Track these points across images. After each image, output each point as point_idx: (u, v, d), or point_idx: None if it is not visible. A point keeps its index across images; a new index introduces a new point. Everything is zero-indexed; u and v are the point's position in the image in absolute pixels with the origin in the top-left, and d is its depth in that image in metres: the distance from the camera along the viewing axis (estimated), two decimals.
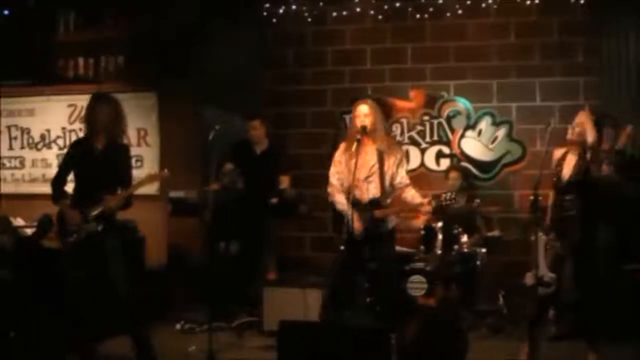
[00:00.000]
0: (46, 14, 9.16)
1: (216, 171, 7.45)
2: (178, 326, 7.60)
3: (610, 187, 6.86)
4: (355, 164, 6.28)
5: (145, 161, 9.06)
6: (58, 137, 9.44)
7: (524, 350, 6.18)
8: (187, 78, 8.59)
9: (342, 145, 6.72)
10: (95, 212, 6.06)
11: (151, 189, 8.91)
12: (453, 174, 8.19)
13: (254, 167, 7.93)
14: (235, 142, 8.11)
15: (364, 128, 6.37)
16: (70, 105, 9.33)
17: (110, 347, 6.65)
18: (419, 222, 7.94)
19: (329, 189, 6.64)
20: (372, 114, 6.50)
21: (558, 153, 6.46)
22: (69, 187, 6.36)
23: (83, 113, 6.52)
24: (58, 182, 6.34)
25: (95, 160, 6.18)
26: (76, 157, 6.29)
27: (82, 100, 9.10)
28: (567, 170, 6.21)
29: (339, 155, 6.67)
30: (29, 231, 8.09)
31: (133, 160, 8.81)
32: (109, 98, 6.36)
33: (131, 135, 9.05)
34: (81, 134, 9.06)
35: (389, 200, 6.58)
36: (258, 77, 9.01)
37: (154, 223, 8.64)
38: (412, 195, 6.56)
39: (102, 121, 6.19)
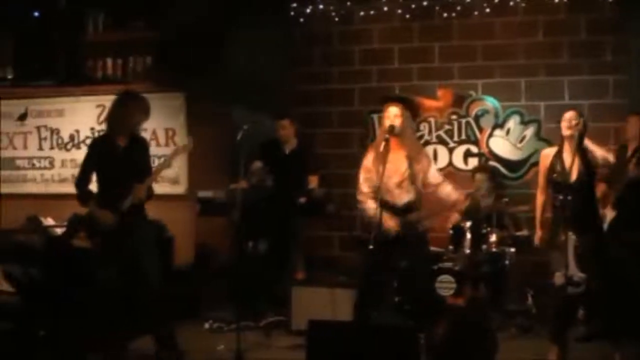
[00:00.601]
0: (75, 15, 9.23)
1: (244, 170, 7.47)
2: (206, 325, 7.63)
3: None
4: (384, 165, 6.24)
5: (173, 161, 9.05)
6: (87, 137, 9.49)
7: (553, 351, 6.16)
8: (214, 78, 8.62)
9: (371, 151, 6.63)
10: (127, 205, 6.11)
11: (179, 188, 9.02)
12: (479, 176, 8.18)
13: (283, 166, 7.95)
14: (264, 142, 8.15)
15: (392, 128, 6.34)
16: (98, 106, 9.38)
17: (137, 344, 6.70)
18: (452, 220, 7.94)
19: (360, 197, 6.50)
20: (401, 115, 6.46)
21: (550, 152, 6.43)
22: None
23: (108, 111, 6.54)
24: (83, 183, 6.38)
25: (120, 157, 6.24)
26: (99, 156, 6.34)
27: (110, 101, 9.22)
28: (574, 168, 6.15)
29: (368, 162, 6.55)
30: (59, 231, 8.15)
31: (161, 161, 8.99)
32: (138, 97, 6.42)
33: (159, 135, 9.16)
34: None
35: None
36: (285, 76, 9.03)
37: (182, 223, 8.70)
38: (447, 192, 6.49)
39: (132, 120, 6.25)
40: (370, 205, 6.40)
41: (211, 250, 8.53)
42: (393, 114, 6.42)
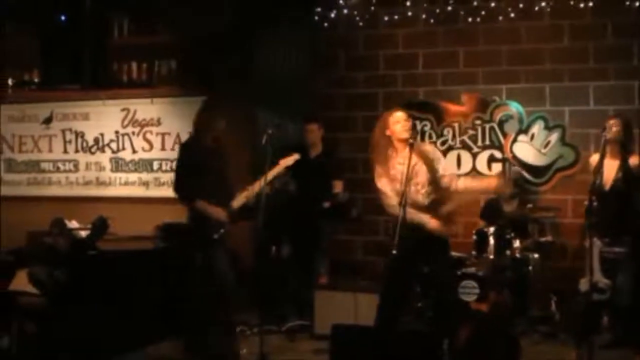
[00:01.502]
0: (101, 19, 9.30)
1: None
2: None
3: None
4: (408, 170, 6.13)
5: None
6: (111, 140, 9.58)
7: (572, 356, 6.15)
8: (239, 82, 8.67)
9: (376, 159, 6.54)
10: (239, 203, 6.53)
11: None
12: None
13: (308, 170, 7.96)
14: (289, 145, 8.16)
15: (413, 127, 6.26)
16: (123, 110, 9.47)
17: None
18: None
19: (389, 201, 6.29)
20: (408, 120, 6.34)
21: (595, 158, 6.44)
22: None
23: (201, 117, 6.90)
24: (188, 183, 6.63)
25: (216, 160, 6.62)
26: (198, 159, 6.63)
27: (135, 104, 9.37)
28: (609, 175, 6.16)
29: (380, 171, 6.46)
30: (83, 233, 8.21)
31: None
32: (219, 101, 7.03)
33: (183, 139, 9.18)
34: (134, 138, 9.32)
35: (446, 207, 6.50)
36: (310, 80, 9.06)
37: None
38: (464, 185, 6.30)
39: (216, 123, 6.78)
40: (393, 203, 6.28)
41: (235, 253, 8.55)
42: (403, 118, 6.25)
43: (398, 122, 6.34)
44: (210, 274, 6.53)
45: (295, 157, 6.72)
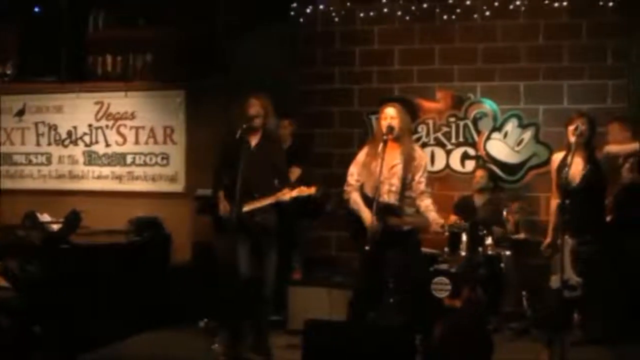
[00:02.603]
0: (77, 12, 9.27)
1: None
2: (201, 324, 7.65)
3: (636, 192, 6.90)
4: (381, 166, 6.29)
5: (171, 159, 9.12)
6: (85, 133, 9.51)
7: (545, 354, 6.21)
8: (215, 76, 8.66)
9: (366, 147, 6.73)
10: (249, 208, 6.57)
11: (177, 186, 9.07)
12: (480, 173, 8.25)
13: None
14: None
15: (391, 128, 6.39)
16: (97, 103, 9.41)
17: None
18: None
19: (347, 188, 6.65)
20: (399, 117, 6.51)
21: (558, 156, 6.50)
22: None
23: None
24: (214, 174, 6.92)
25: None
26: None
27: (109, 98, 9.31)
28: (576, 172, 6.21)
29: (362, 156, 6.67)
30: (56, 227, 8.18)
31: (159, 158, 9.03)
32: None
33: (157, 133, 9.19)
34: (108, 131, 9.28)
35: (409, 209, 6.59)
36: (287, 76, 9.05)
37: (180, 221, 8.71)
38: (426, 205, 6.48)
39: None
40: (355, 198, 6.49)
41: (209, 248, 8.56)
42: (390, 115, 6.47)
43: (385, 118, 6.46)
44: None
45: (312, 191, 6.58)
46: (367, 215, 6.32)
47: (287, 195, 6.42)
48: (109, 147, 9.38)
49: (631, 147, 6.54)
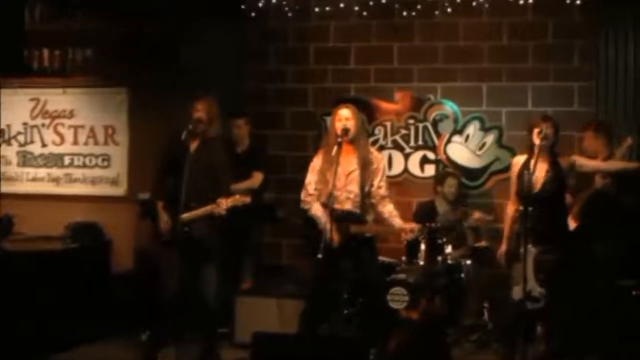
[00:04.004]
0: (13, 3, 9.13)
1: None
2: (144, 337, 7.57)
3: (607, 200, 6.97)
4: (335, 170, 6.28)
5: (112, 160, 9.05)
6: (19, 132, 9.40)
7: None
8: (161, 73, 8.59)
9: (321, 152, 6.73)
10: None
11: (119, 190, 8.99)
12: (450, 181, 8.23)
13: (234, 166, 7.93)
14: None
15: (346, 131, 6.38)
16: (32, 100, 9.31)
17: None
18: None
19: (307, 198, 6.64)
20: (354, 118, 6.51)
21: (519, 160, 6.57)
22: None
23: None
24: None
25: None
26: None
27: (46, 94, 9.20)
28: (538, 178, 6.28)
29: (317, 162, 6.67)
30: None
31: (100, 160, 8.94)
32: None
33: (97, 133, 9.10)
34: (44, 130, 9.18)
35: (370, 217, 6.61)
36: (237, 73, 9.02)
37: (122, 226, 8.66)
38: (389, 211, 6.55)
39: None
40: (317, 208, 6.47)
41: (152, 255, 8.50)
42: (344, 117, 6.46)
43: (339, 120, 6.45)
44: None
45: (247, 200, 6.54)
46: (328, 227, 6.29)
47: (223, 205, 6.33)
48: (46, 148, 9.28)
49: (606, 165, 6.61)
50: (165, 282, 6.58)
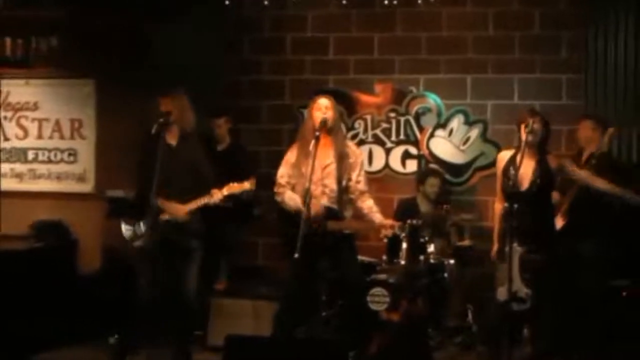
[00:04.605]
0: None
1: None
2: (112, 340, 7.48)
3: (596, 197, 6.93)
4: (313, 164, 6.21)
5: (79, 155, 8.93)
6: None
7: None
8: (131, 64, 8.50)
9: (296, 145, 6.66)
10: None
11: (86, 187, 8.89)
12: (433, 181, 8.17)
13: (214, 165, 7.85)
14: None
15: (324, 122, 6.33)
16: None
17: None
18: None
19: (278, 189, 6.60)
20: (332, 109, 6.47)
21: (505, 155, 6.53)
22: None
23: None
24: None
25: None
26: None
27: (8, 86, 9.08)
28: (525, 176, 6.24)
29: (291, 156, 6.62)
30: None
31: (66, 155, 8.83)
32: None
33: (63, 126, 8.98)
34: (6, 123, 9.08)
35: (348, 213, 6.55)
36: (211, 65, 8.93)
37: (89, 224, 8.56)
38: (369, 207, 6.54)
39: None
40: (290, 196, 6.41)
41: (120, 255, 8.41)
42: (324, 106, 6.41)
43: (319, 109, 6.41)
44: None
45: (247, 186, 6.53)
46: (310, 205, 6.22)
47: (217, 194, 6.29)
48: (8, 142, 9.11)
49: (596, 183, 6.57)
50: (142, 284, 6.50)
